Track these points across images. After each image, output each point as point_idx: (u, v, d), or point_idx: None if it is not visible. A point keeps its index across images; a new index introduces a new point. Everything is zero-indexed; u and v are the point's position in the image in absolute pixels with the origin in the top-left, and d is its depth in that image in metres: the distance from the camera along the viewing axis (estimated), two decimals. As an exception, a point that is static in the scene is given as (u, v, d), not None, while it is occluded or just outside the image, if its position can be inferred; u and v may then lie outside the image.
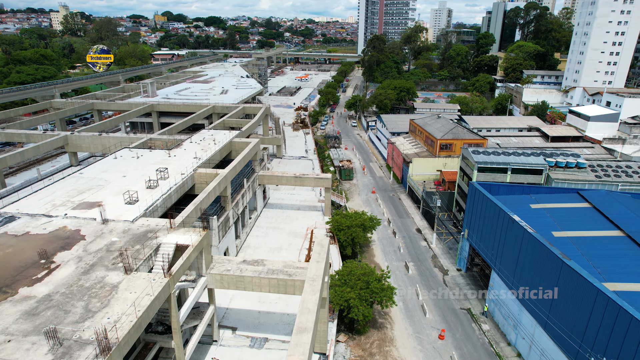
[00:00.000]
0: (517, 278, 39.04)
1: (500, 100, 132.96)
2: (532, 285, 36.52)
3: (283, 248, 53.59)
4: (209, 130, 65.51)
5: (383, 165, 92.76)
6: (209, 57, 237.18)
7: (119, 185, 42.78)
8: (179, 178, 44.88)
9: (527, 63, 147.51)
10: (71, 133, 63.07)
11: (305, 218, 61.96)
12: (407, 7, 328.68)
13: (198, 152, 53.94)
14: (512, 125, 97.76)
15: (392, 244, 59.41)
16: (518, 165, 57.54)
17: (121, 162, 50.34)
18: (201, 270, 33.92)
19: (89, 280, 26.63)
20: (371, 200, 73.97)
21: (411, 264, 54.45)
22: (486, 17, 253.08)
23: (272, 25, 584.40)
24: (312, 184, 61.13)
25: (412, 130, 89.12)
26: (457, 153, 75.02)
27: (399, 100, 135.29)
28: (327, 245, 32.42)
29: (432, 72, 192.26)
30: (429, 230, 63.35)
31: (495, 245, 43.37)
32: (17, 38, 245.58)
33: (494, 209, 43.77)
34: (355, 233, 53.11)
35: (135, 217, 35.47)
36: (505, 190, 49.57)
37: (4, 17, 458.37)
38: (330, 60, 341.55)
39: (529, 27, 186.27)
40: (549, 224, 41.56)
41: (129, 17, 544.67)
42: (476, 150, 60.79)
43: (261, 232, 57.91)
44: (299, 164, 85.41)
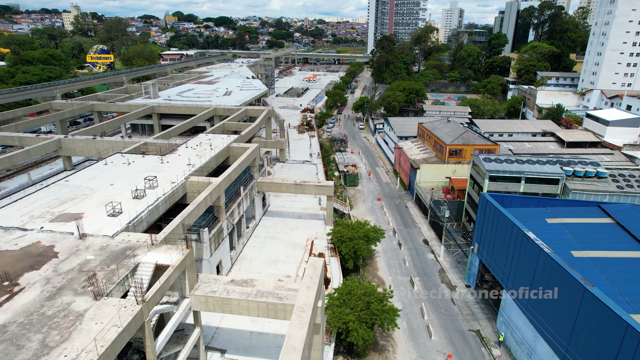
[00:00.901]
0: (532, 302, 35.57)
1: (512, 102, 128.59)
2: (549, 312, 33.09)
3: (281, 260, 50.69)
4: (206, 135, 62.91)
5: (390, 170, 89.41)
6: (216, 57, 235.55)
7: (105, 195, 40.25)
8: (169, 187, 42.20)
9: (541, 64, 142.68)
10: (65, 136, 60.93)
11: (306, 227, 59.00)
12: (418, 7, 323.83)
13: (192, 159, 51.29)
14: (526, 130, 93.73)
15: (397, 257, 56.14)
16: (533, 175, 53.92)
17: (111, 168, 47.89)
18: (184, 291, 31.16)
19: (53, 307, 23.95)
20: (376, 208, 70.69)
21: (417, 279, 51.14)
22: (499, 17, 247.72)
23: (282, 25, 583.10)
24: (313, 191, 58.16)
25: (420, 134, 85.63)
26: (467, 159, 71.40)
27: (407, 102, 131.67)
28: (320, 267, 29.39)
29: (443, 73, 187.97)
30: (436, 242, 59.94)
31: (508, 263, 39.93)
32: (28, 38, 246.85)
33: (507, 224, 40.34)
34: (357, 246, 49.99)
35: (115, 231, 32.82)
36: (518, 202, 46.04)
37: (18, 17, 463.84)
38: (339, 60, 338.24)
39: (543, 27, 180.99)
40: (567, 241, 38.00)
41: (140, 18, 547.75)
42: (487, 157, 57.26)
43: (259, 242, 55.08)
44: (302, 169, 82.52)
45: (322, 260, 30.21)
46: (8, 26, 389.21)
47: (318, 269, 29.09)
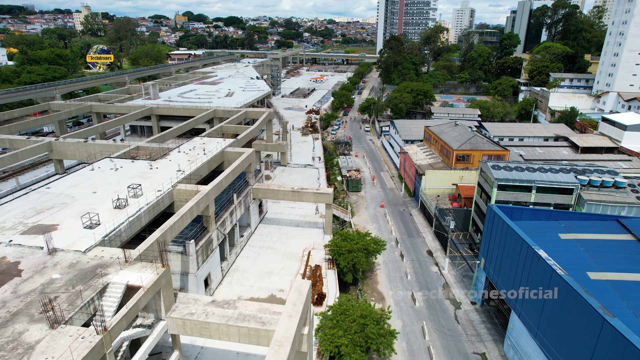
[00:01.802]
0: (543, 327, 32.36)
1: (524, 105, 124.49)
2: (562, 340, 29.89)
3: (275, 273, 47.99)
4: (201, 138, 60.48)
5: (395, 175, 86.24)
6: (223, 57, 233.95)
7: (85, 204, 37.90)
8: (154, 196, 39.72)
9: (554, 65, 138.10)
10: (55, 139, 58.99)
11: (304, 237, 56.24)
12: (428, 7, 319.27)
13: (183, 164, 48.81)
14: (537, 134, 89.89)
15: (398, 269, 53.08)
16: (545, 184, 50.52)
17: (97, 174, 45.60)
18: (160, 312, 28.59)
19: (2, 338, 21.48)
20: (379, 216, 67.66)
21: (419, 294, 48.05)
22: (510, 17, 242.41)
23: (292, 25, 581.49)
24: (311, 199, 55.35)
25: (426, 138, 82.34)
26: (475, 165, 68.06)
27: (415, 104, 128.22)
28: (306, 292, 26.54)
29: (452, 74, 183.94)
30: (441, 253, 56.74)
31: (517, 282, 36.70)
32: (38, 38, 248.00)
33: (516, 240, 37.13)
34: (356, 259, 47.10)
35: (88, 246, 30.37)
36: (529, 214, 42.75)
37: (32, 18, 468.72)
38: (348, 61, 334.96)
39: (556, 26, 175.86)
40: (583, 261, 34.69)
41: (150, 18, 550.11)
42: (496, 164, 53.93)
43: (253, 252, 52.44)
44: (304, 173, 79.81)
45: (307, 284, 27.36)
46: (22, 26, 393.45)
47: (303, 293, 26.28)
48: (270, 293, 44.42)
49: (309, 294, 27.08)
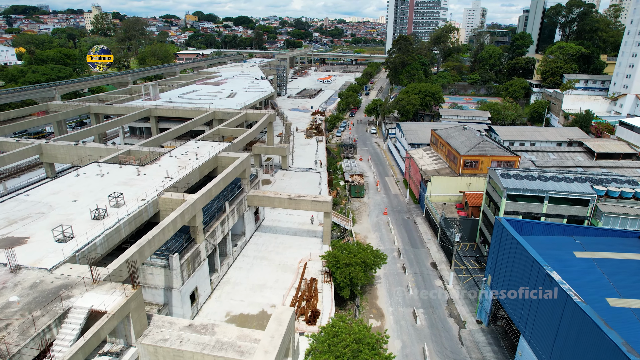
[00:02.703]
0: (556, 358, 29.17)
1: (536, 107, 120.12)
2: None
3: (267, 286, 45.26)
4: (196, 142, 58.04)
5: (400, 180, 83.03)
6: (230, 57, 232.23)
7: (62, 214, 35.57)
8: (137, 205, 37.24)
9: (568, 66, 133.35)
10: (46, 142, 57.02)
11: (301, 246, 53.46)
12: (439, 6, 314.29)
13: (173, 170, 46.32)
14: (550, 138, 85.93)
15: (400, 283, 50.01)
16: (558, 194, 47.07)
17: (81, 181, 43.33)
18: (130, 338, 26.04)
19: (-62, 375, 19.07)
20: (381, 224, 64.59)
21: (420, 311, 44.98)
22: (523, 17, 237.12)
23: (302, 25, 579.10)
24: (308, 207, 52.52)
25: (433, 142, 79.00)
26: (483, 172, 64.65)
27: (423, 105, 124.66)
28: (287, 321, 23.73)
29: (462, 75, 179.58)
30: (446, 266, 53.53)
31: (527, 305, 33.48)
32: (47, 38, 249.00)
33: (525, 258, 33.91)
34: (354, 273, 44.18)
35: (56, 263, 27.94)
36: (540, 229, 39.45)
37: (45, 18, 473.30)
38: (357, 61, 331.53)
39: (571, 26, 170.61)
40: (601, 284, 31.38)
41: (161, 17, 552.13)
42: (506, 173, 50.57)
43: (247, 263, 49.78)
44: (305, 178, 77.01)
45: (290, 312, 24.54)
46: (35, 26, 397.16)
47: (284, 323, 23.46)
48: (261, 309, 41.71)
49: (292, 323, 24.29)
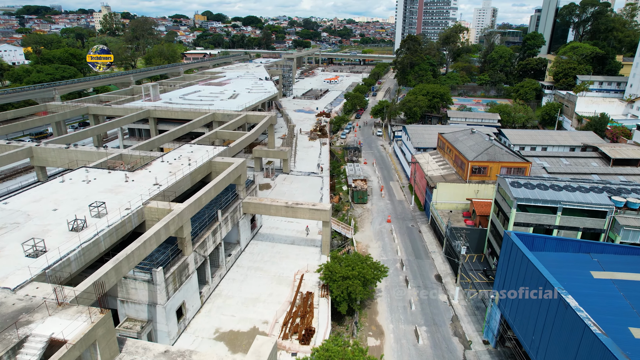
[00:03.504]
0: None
1: (547, 110, 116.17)
2: (595, 418, 23.76)
3: (261, 300, 42.81)
4: (190, 146, 55.79)
5: (405, 186, 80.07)
6: (236, 57, 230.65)
7: (39, 225, 33.44)
8: (119, 216, 34.97)
9: (582, 67, 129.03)
10: (36, 145, 55.19)
11: (298, 256, 50.98)
12: (448, 6, 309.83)
13: (163, 176, 44.04)
14: (563, 142, 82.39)
15: (402, 297, 47.18)
16: (572, 205, 43.89)
17: (65, 187, 41.23)
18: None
19: None
20: (384, 232, 61.77)
21: (423, 329, 42.15)
22: (535, 16, 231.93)
23: (310, 25, 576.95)
24: (306, 215, 49.97)
25: (440, 146, 75.95)
26: (492, 179, 61.52)
27: (431, 107, 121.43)
28: (267, 355, 21.10)
29: (472, 75, 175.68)
30: (451, 279, 50.58)
31: (539, 330, 30.56)
32: (56, 37, 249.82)
33: (537, 278, 30.97)
34: (352, 287, 41.53)
35: (21, 282, 25.72)
36: (553, 245, 36.41)
37: (57, 18, 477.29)
38: (365, 61, 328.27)
39: (585, 26, 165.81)
40: (623, 311, 28.34)
41: (170, 17, 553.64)
42: (516, 181, 47.49)
43: (240, 274, 47.39)
44: (306, 182, 74.48)
45: (270, 344, 21.93)
46: (46, 26, 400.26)
47: (263, 357, 20.85)
48: (252, 325, 39.27)
49: (273, 357, 21.66)
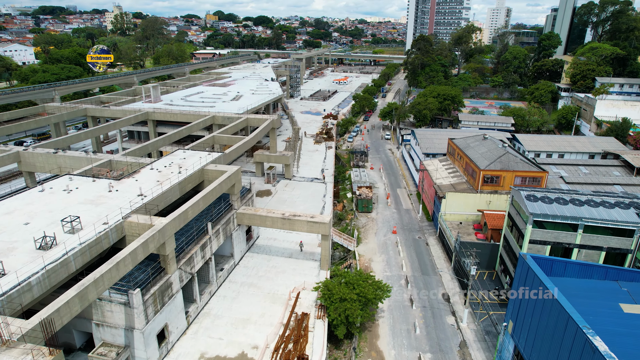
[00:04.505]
0: None
1: (564, 113, 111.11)
2: None
3: (252, 321, 39.61)
4: (184, 152, 52.89)
5: (413, 193, 76.30)
6: (244, 57, 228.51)
7: (5, 242, 30.67)
8: (96, 231, 32.07)
9: (601, 68, 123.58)
10: (24, 149, 52.83)
11: (295, 271, 47.73)
12: (461, 5, 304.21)
13: (150, 186, 41.09)
14: (581, 149, 77.81)
15: (406, 319, 43.62)
16: (595, 222, 39.92)
17: (44, 197, 38.51)
18: (48, 416, 20.64)
19: None
20: (389, 245, 58.18)
21: (428, 357, 38.56)
22: (551, 16, 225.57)
23: (322, 25, 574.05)
24: (304, 228, 46.71)
25: (450, 152, 72.06)
26: (505, 188, 57.58)
27: (441, 110, 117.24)
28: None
29: (484, 77, 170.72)
30: (460, 298, 46.85)
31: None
32: (67, 37, 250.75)
33: (558, 311, 27.18)
34: (350, 310, 38.15)
35: (-30, 312, 22.87)
36: (576, 270, 32.52)
37: (71, 18, 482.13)
38: (375, 61, 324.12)
39: (604, 25, 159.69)
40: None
41: (182, 17, 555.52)
42: (532, 195, 43.60)
43: (232, 291, 44.28)
44: (309, 189, 71.22)
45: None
46: (61, 26, 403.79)
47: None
48: (241, 350, 36.11)
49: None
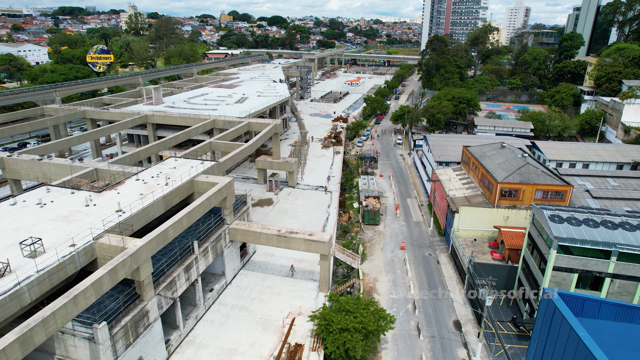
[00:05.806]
0: None
1: (588, 118, 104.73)
2: None
3: (240, 352, 35.74)
4: (176, 160, 49.32)
5: (424, 204, 71.56)
6: (255, 57, 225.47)
7: (-42, 266, 27.29)
8: (59, 256, 28.51)
9: (628, 70, 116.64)
10: (8, 156, 49.96)
11: (292, 293, 43.75)
12: (478, 5, 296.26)
13: (131, 200, 37.47)
14: (608, 159, 72.08)
15: (412, 351, 39.17)
16: (631, 249, 34.94)
17: (13, 213, 35.19)
18: None
19: None
20: (397, 263, 53.71)
21: (436, 400, 34.14)
22: (573, 15, 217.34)
23: (336, 25, 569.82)
24: (301, 247, 42.73)
25: (465, 161, 67.20)
26: (525, 203, 52.62)
27: (456, 113, 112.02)
28: None
29: (502, 79, 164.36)
30: (472, 327, 42.19)
31: None
32: (80, 37, 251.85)
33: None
34: (350, 343, 33.98)
35: None
36: (612, 312, 27.73)
37: (89, 18, 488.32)
38: (389, 62, 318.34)
39: (631, 25, 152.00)
40: None
41: (197, 17, 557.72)
42: (557, 215, 38.73)
43: (221, 314, 40.49)
44: (313, 198, 67.22)
45: None
46: (78, 26, 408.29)
47: None
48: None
49: None
